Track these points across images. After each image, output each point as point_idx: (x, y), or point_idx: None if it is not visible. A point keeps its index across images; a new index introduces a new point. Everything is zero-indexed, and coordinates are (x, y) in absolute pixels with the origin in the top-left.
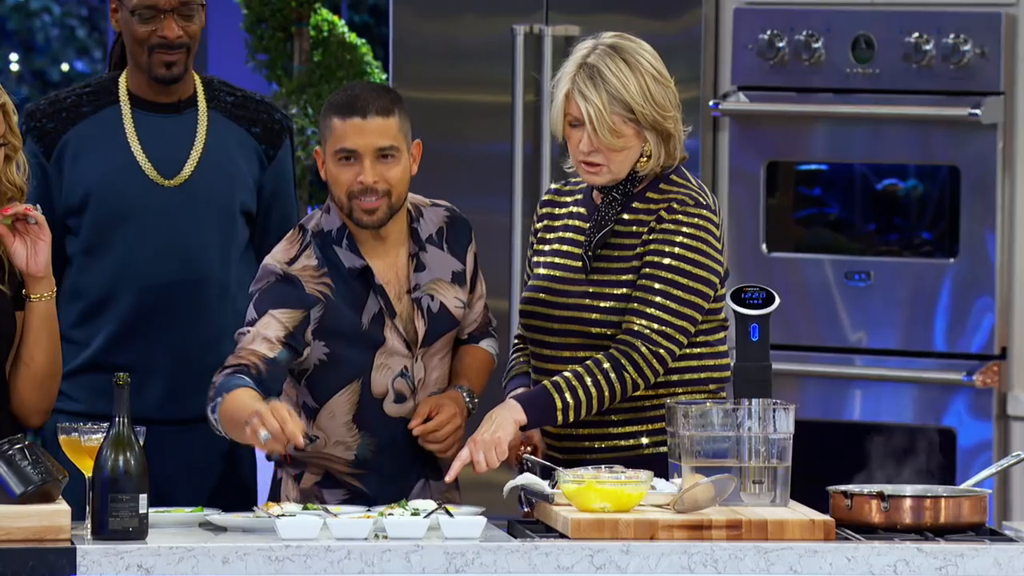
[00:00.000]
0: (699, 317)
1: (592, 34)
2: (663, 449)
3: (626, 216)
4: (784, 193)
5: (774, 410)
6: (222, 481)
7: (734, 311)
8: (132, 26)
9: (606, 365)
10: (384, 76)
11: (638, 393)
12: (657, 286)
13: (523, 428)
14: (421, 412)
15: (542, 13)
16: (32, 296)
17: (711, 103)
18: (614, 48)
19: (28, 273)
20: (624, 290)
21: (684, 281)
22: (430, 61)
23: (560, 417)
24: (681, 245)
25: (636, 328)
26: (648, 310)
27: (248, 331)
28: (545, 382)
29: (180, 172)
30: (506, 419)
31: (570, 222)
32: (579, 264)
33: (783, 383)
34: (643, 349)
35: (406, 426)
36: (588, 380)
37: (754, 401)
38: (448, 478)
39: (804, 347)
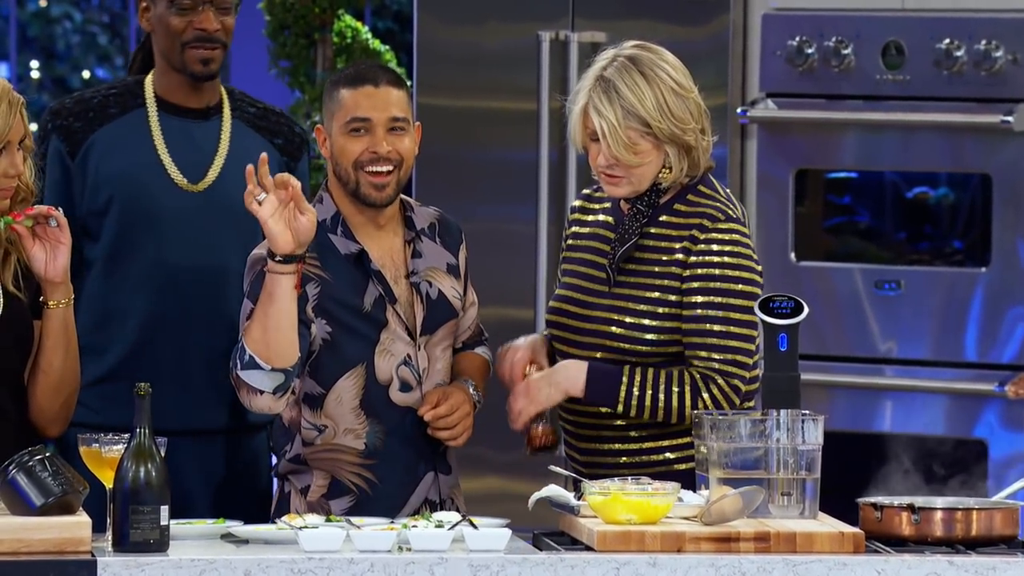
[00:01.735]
0: (755, 335)
1: (615, 43)
2: (691, 465)
3: (652, 230)
4: (813, 201)
5: (803, 421)
6: (240, 494)
7: (762, 321)
8: (167, 19)
9: (687, 380)
10: (408, 83)
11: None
12: (714, 313)
13: (579, 400)
14: (430, 400)
15: (568, 19)
16: (50, 303)
17: (739, 110)
18: (632, 60)
19: (46, 279)
20: (646, 306)
21: (736, 302)
22: (454, 68)
23: (621, 407)
24: (724, 265)
25: (705, 363)
26: (712, 340)
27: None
28: (625, 366)
29: (205, 177)
30: (567, 390)
31: (597, 230)
32: (603, 276)
33: (812, 394)
34: (720, 382)
35: (414, 416)
36: (663, 386)
37: (783, 412)
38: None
39: (833, 357)
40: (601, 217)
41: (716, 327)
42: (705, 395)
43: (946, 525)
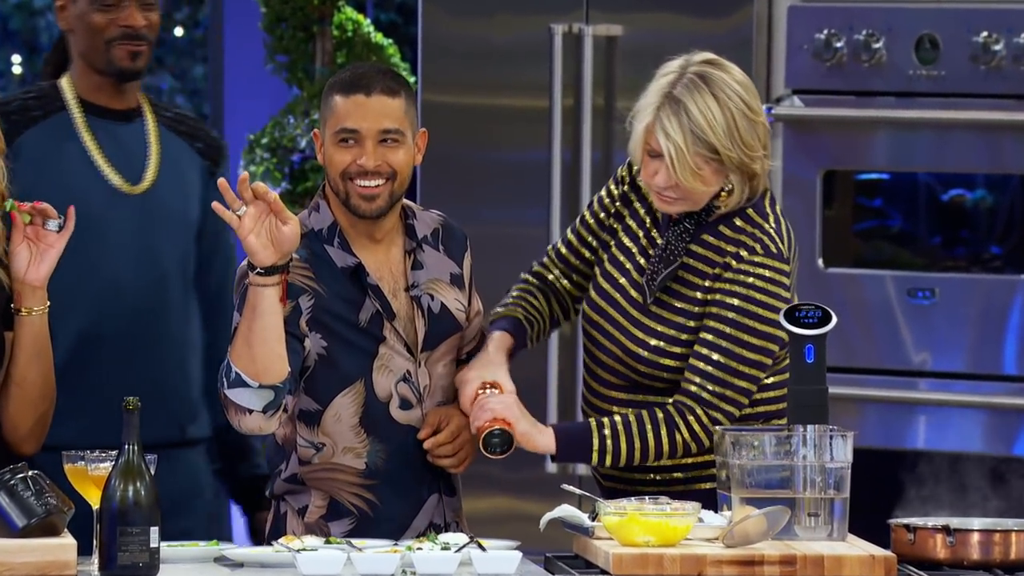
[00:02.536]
0: (762, 375)
1: (686, 54)
2: (707, 485)
3: (695, 248)
4: (842, 204)
5: (831, 437)
6: (189, 510)
7: (788, 331)
8: (89, 17)
9: (660, 417)
10: (412, 79)
11: None
12: (720, 342)
13: (553, 458)
14: (430, 422)
15: (582, 11)
16: (23, 309)
17: (764, 107)
18: (703, 79)
19: (25, 281)
20: (674, 332)
21: (747, 338)
22: (462, 63)
23: (595, 458)
24: (746, 298)
25: (694, 389)
26: (708, 369)
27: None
28: (591, 420)
29: (143, 180)
30: (534, 439)
31: (646, 222)
32: (640, 283)
33: (841, 408)
34: (699, 412)
35: (416, 436)
36: (635, 429)
37: (809, 427)
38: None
39: (863, 370)
40: (648, 215)
41: (718, 357)
42: (683, 428)
43: (983, 548)
